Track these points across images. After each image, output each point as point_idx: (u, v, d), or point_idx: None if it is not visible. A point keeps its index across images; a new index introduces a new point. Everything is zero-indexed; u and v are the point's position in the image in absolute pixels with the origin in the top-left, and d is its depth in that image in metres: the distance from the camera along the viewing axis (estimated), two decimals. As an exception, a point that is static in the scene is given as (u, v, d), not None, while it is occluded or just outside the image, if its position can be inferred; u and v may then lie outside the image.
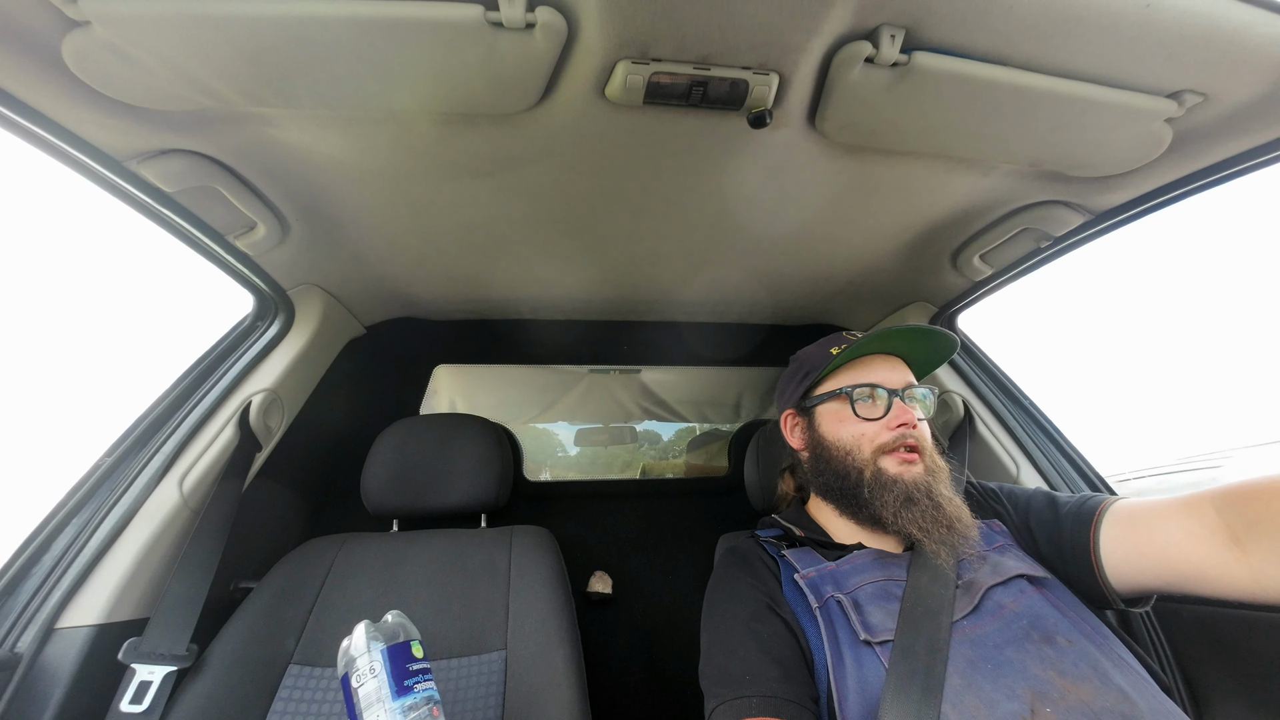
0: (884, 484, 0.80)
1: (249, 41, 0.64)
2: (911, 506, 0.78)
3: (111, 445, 1.01)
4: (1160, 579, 0.71)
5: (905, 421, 0.82)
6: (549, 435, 2.84)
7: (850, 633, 0.72)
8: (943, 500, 0.78)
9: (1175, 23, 0.63)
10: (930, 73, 0.69)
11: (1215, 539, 0.66)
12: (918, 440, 0.83)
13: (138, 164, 0.81)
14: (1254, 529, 0.64)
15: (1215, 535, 0.66)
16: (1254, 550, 0.63)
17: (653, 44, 0.66)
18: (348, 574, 1.05)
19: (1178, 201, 0.94)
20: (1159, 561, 0.71)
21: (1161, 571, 0.71)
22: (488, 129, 0.82)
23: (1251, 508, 0.65)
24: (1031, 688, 0.63)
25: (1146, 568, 0.72)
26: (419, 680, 0.71)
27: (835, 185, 0.99)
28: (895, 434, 0.82)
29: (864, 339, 0.87)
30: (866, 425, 0.84)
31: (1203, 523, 0.68)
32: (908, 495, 0.79)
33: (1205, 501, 0.69)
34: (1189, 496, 0.71)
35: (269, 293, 1.18)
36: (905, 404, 0.85)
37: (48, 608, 0.83)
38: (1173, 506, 0.71)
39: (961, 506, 0.80)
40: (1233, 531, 0.65)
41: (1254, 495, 0.65)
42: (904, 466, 0.81)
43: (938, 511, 0.77)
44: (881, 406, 0.85)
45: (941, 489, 0.80)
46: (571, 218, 1.09)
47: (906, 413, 0.83)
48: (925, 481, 0.80)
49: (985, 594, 0.74)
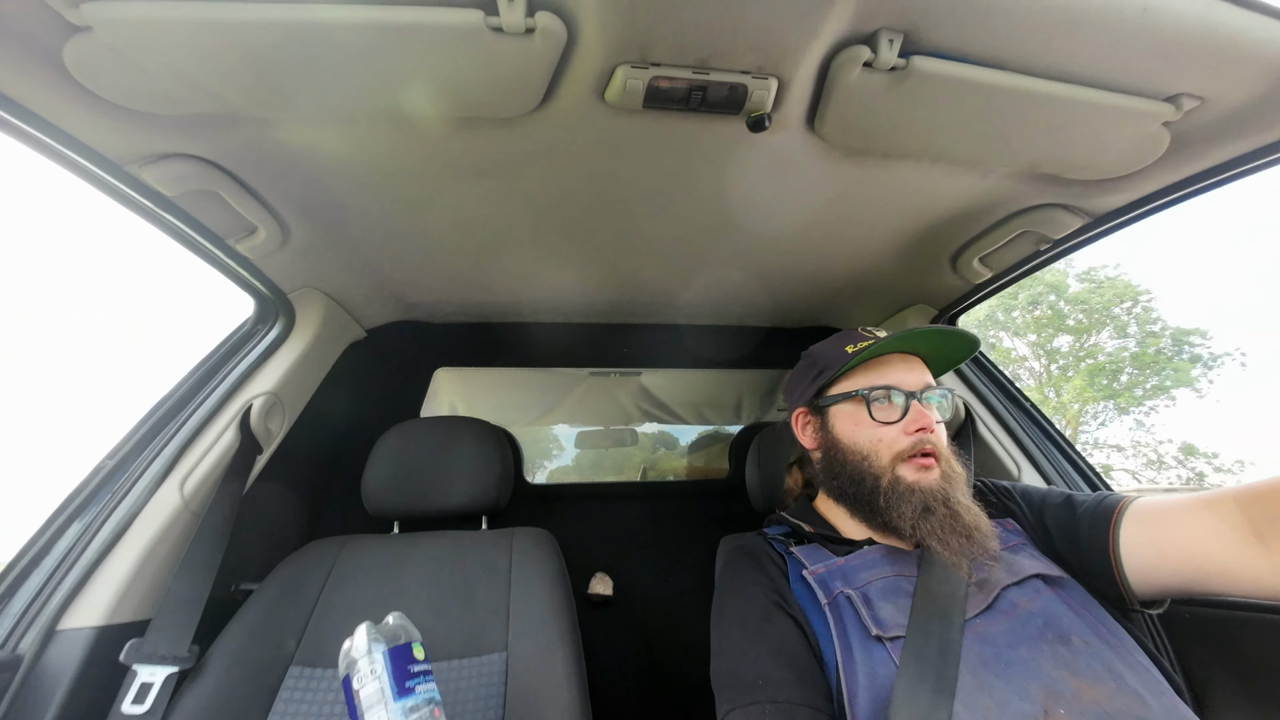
0: (901, 493, 0.79)
1: (250, 46, 0.64)
2: (929, 516, 0.76)
3: (113, 448, 1.01)
4: (1181, 578, 0.71)
5: (923, 426, 0.81)
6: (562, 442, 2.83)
7: (861, 628, 0.71)
8: (960, 509, 0.77)
9: (1172, 26, 0.63)
10: (928, 77, 0.69)
11: (1238, 536, 0.65)
12: (934, 445, 0.81)
13: (139, 168, 0.82)
14: (1278, 525, 0.63)
15: (1238, 532, 0.66)
16: (1278, 547, 0.63)
17: (652, 48, 0.66)
18: (348, 576, 1.05)
19: (1176, 204, 0.94)
20: (1180, 560, 0.70)
21: (1182, 569, 0.70)
22: (488, 133, 0.83)
23: (1275, 505, 0.64)
24: (1045, 688, 0.62)
25: (1167, 566, 0.71)
26: (420, 681, 0.72)
27: (834, 188, 0.99)
28: (913, 439, 0.81)
29: (884, 341, 0.85)
30: (883, 430, 0.82)
31: (1225, 520, 0.67)
32: (925, 505, 0.77)
33: (1228, 498, 0.68)
34: (1211, 494, 0.70)
35: (270, 296, 1.18)
36: (922, 407, 0.83)
37: (49, 609, 0.83)
38: (1195, 504, 0.71)
39: (980, 514, 0.78)
40: (1256, 528, 0.64)
41: (1278, 492, 0.64)
42: (921, 473, 0.79)
43: (955, 520, 0.76)
44: (898, 410, 0.83)
45: (959, 496, 0.78)
46: (571, 221, 1.09)
47: (924, 416, 0.81)
48: (942, 489, 0.78)
49: (1000, 593, 0.73)
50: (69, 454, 16.43)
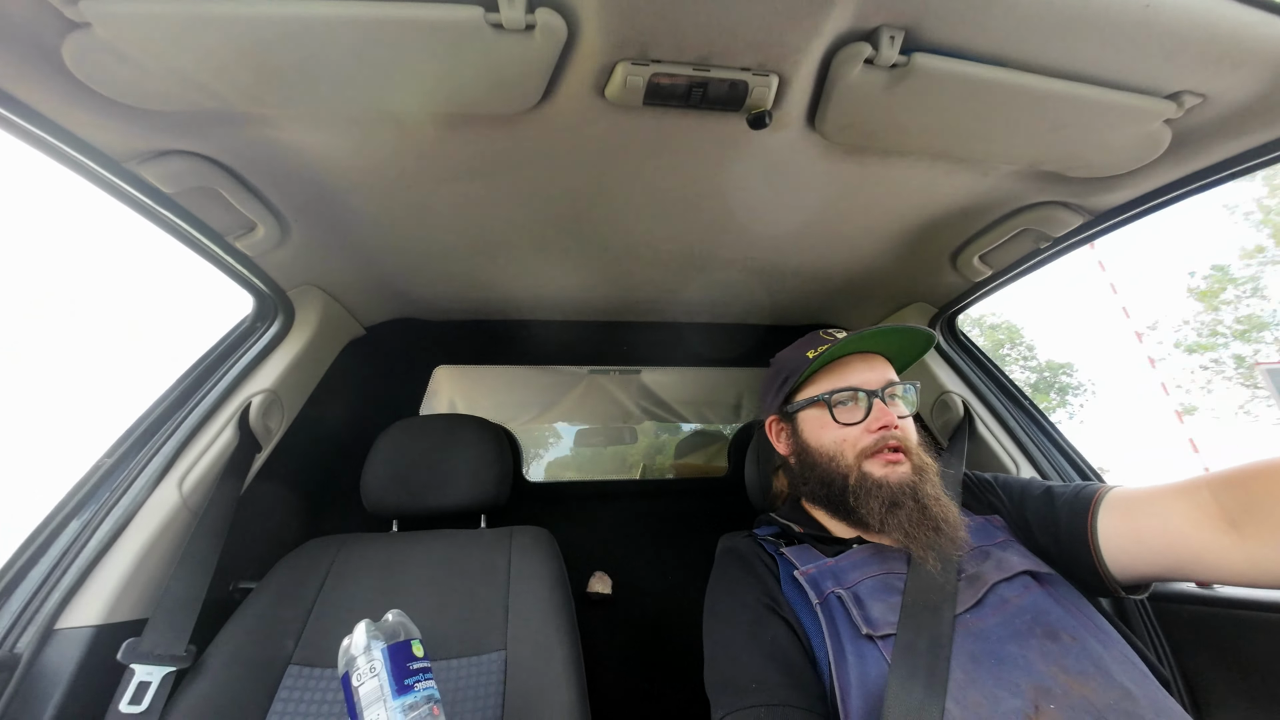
0: (868, 488, 0.80)
1: (249, 43, 0.64)
2: (896, 510, 0.78)
3: (111, 446, 1.01)
4: (1158, 564, 0.71)
5: (886, 424, 0.82)
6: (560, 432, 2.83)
7: (852, 628, 0.71)
8: (929, 501, 0.78)
9: (1175, 23, 0.63)
10: (930, 74, 0.69)
11: (1212, 523, 0.66)
12: (901, 440, 0.82)
13: (137, 165, 0.81)
14: (1250, 512, 0.64)
15: (1212, 519, 0.66)
16: (1250, 533, 0.63)
17: (652, 45, 0.66)
18: (347, 574, 1.04)
19: (1176, 202, 0.94)
20: (1157, 547, 0.71)
21: (1159, 556, 0.71)
22: (487, 130, 0.82)
23: (1248, 491, 0.65)
24: (1035, 683, 0.63)
25: (1144, 553, 0.72)
26: (419, 679, 0.72)
27: (834, 186, 0.99)
28: (877, 436, 0.82)
29: (841, 343, 0.86)
30: (848, 430, 0.84)
31: (1199, 507, 0.68)
32: (893, 499, 0.78)
33: (1202, 486, 0.69)
34: (1186, 481, 0.71)
35: (269, 293, 1.18)
36: (886, 404, 0.84)
37: (47, 608, 0.83)
38: (1170, 492, 0.72)
39: (949, 506, 0.79)
40: (1229, 515, 0.65)
41: (1251, 479, 0.65)
42: (889, 468, 0.81)
43: (923, 514, 0.77)
44: (861, 409, 0.84)
45: (927, 489, 0.79)
46: (571, 218, 1.09)
47: (887, 414, 0.83)
48: (911, 482, 0.79)
49: (990, 589, 0.73)
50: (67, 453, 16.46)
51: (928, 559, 0.75)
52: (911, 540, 0.76)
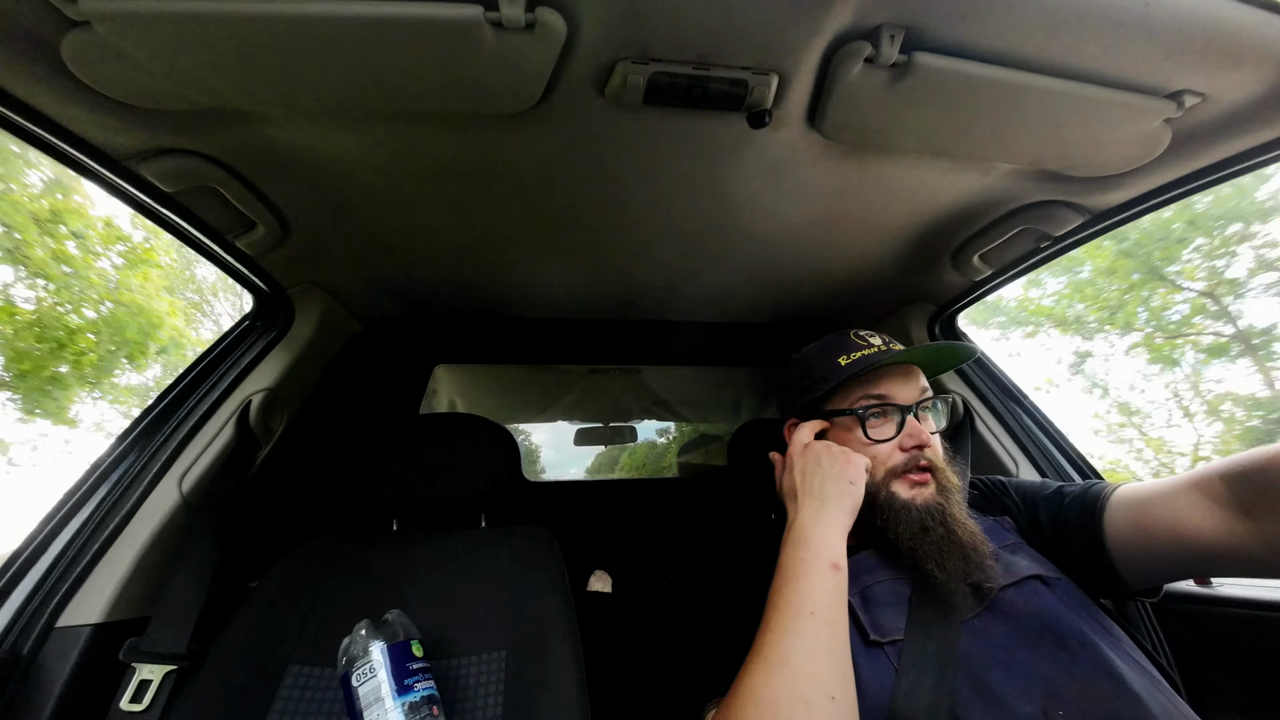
0: (896, 510, 0.77)
1: (248, 41, 0.64)
2: (926, 536, 0.75)
3: (111, 444, 1.01)
4: (1169, 558, 0.70)
5: (919, 443, 0.79)
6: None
7: (859, 633, 0.70)
8: (957, 526, 0.75)
9: (1175, 23, 0.63)
10: (930, 73, 0.69)
11: (1225, 511, 0.65)
12: (930, 460, 0.80)
13: (137, 164, 0.81)
14: (1263, 497, 0.62)
15: (1224, 508, 0.65)
16: (1265, 520, 0.62)
17: (652, 44, 0.66)
18: (347, 573, 1.04)
19: (1176, 201, 0.94)
20: (1168, 541, 0.69)
21: (1171, 550, 0.69)
22: (487, 129, 0.82)
23: (1261, 476, 0.63)
24: (1044, 690, 0.62)
25: (1156, 548, 0.70)
26: (419, 679, 0.72)
27: (834, 185, 0.99)
28: (908, 456, 0.79)
29: (879, 360, 0.82)
30: (877, 447, 0.81)
31: (1211, 496, 0.66)
32: (922, 524, 0.75)
33: (1213, 474, 0.67)
34: (1195, 472, 0.69)
35: (268, 292, 1.18)
36: (918, 421, 0.81)
37: (48, 607, 0.83)
38: (1179, 484, 0.70)
39: (975, 529, 0.76)
40: (1242, 502, 0.64)
41: (1263, 463, 0.63)
42: (916, 490, 0.78)
43: (951, 539, 0.74)
44: (893, 425, 0.81)
45: (955, 511, 0.76)
46: (571, 217, 1.09)
47: (920, 432, 0.80)
48: (938, 504, 0.77)
49: (998, 594, 0.72)
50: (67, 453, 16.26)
51: (958, 590, 0.71)
52: (942, 570, 0.72)
